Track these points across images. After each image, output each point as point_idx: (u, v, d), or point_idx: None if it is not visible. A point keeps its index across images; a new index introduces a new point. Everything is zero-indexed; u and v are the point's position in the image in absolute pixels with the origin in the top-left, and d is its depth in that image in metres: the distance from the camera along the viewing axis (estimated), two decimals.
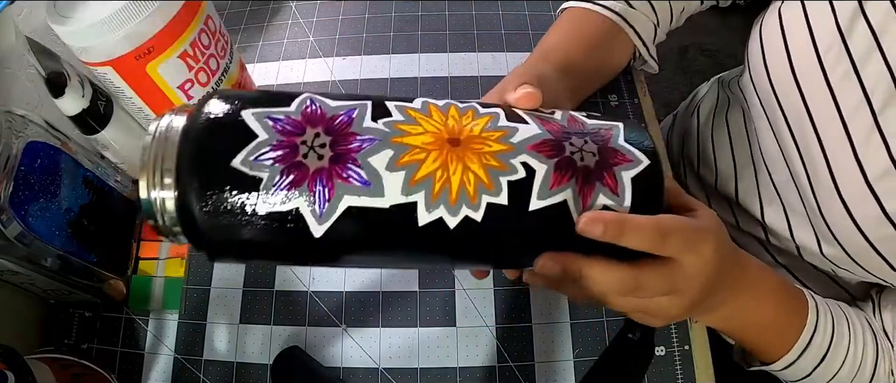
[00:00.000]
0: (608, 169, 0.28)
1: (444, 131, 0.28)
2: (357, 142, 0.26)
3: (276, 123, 0.26)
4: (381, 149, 0.26)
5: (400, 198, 0.26)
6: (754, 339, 0.42)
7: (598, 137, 0.30)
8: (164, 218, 0.26)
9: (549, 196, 0.27)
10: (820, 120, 0.40)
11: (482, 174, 0.27)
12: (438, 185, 0.26)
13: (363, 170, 0.26)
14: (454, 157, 0.27)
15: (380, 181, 0.26)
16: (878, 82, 0.36)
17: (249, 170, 0.25)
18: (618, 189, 0.28)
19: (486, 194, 0.27)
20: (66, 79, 0.43)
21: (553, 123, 0.30)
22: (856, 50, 0.37)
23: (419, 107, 0.29)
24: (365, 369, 0.46)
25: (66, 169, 0.44)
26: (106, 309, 0.50)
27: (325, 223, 0.26)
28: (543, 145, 0.28)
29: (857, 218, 0.39)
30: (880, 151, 0.37)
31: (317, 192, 0.25)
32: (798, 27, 0.41)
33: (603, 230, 0.27)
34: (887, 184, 0.37)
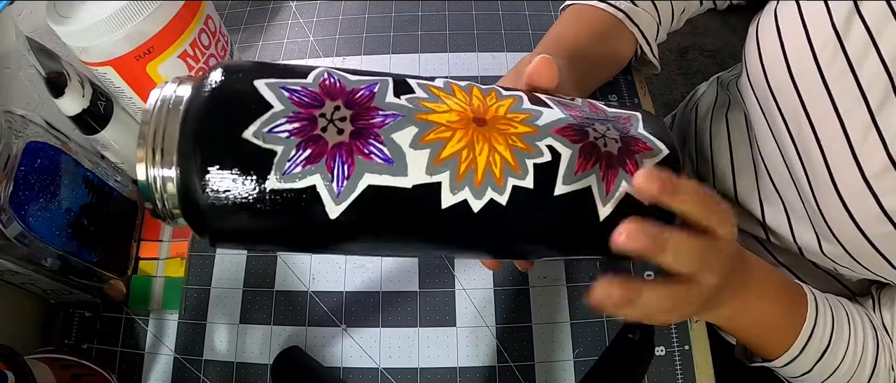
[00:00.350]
0: (631, 156, 0.28)
1: (469, 110, 0.26)
2: (379, 117, 0.25)
3: (293, 94, 0.24)
4: (405, 125, 0.25)
5: (424, 177, 0.25)
6: (756, 337, 0.42)
7: (619, 124, 0.29)
8: (163, 199, 0.24)
9: (574, 181, 0.26)
10: (817, 119, 0.40)
11: (509, 156, 0.26)
12: (464, 166, 0.25)
13: (386, 147, 0.24)
14: (480, 137, 0.26)
15: (403, 159, 0.24)
16: (875, 81, 0.37)
17: (263, 142, 0.23)
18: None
19: (512, 177, 0.26)
20: (66, 79, 0.43)
21: (575, 109, 0.29)
22: (852, 49, 0.37)
23: (442, 85, 0.28)
24: (365, 369, 0.46)
25: (66, 169, 0.44)
26: (106, 309, 0.50)
27: (343, 202, 0.24)
28: (568, 129, 0.27)
29: (855, 215, 0.39)
30: (878, 149, 0.37)
31: (335, 169, 0.24)
32: (794, 27, 0.41)
33: (660, 188, 0.26)
34: (885, 181, 0.37)
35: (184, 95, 0.24)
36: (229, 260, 0.51)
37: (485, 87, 0.29)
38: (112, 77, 0.42)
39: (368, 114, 0.25)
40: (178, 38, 0.43)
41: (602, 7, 0.50)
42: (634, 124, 0.29)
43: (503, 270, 0.49)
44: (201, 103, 0.24)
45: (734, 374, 0.53)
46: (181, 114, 0.24)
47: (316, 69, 0.26)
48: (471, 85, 0.29)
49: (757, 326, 0.40)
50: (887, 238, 0.38)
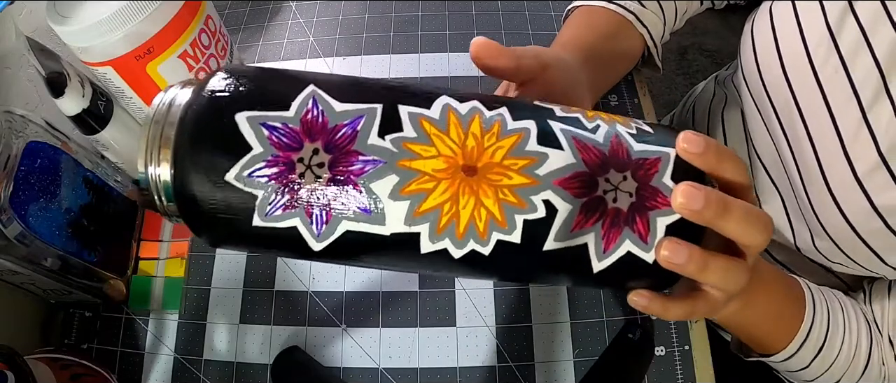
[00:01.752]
0: (643, 213, 0.25)
1: (461, 156, 0.24)
2: (359, 164, 0.24)
3: (272, 133, 0.24)
4: (386, 173, 0.24)
5: (402, 227, 0.24)
6: (756, 333, 0.42)
7: (640, 171, 0.26)
8: (163, 201, 0.25)
9: (567, 239, 0.25)
10: (809, 115, 0.41)
11: (496, 211, 0.24)
12: (445, 219, 0.24)
13: (364, 197, 0.24)
14: (467, 189, 0.24)
15: (381, 210, 0.24)
16: (867, 79, 0.37)
17: (244, 186, 0.24)
18: (648, 237, 0.26)
19: (497, 231, 0.25)
20: (66, 79, 0.43)
21: (592, 149, 0.26)
22: (845, 46, 0.38)
23: (437, 117, 0.25)
24: (365, 369, 0.46)
25: (66, 169, 0.44)
26: (106, 309, 0.50)
27: (324, 242, 0.25)
28: (573, 180, 0.25)
29: (846, 212, 0.39)
30: (869, 146, 0.37)
31: (314, 215, 0.24)
32: (788, 24, 0.42)
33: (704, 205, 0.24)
34: (876, 178, 0.37)
35: (177, 113, 0.25)
36: (229, 260, 0.51)
37: (488, 116, 0.26)
38: (112, 77, 0.42)
39: (347, 159, 0.24)
40: (178, 38, 0.43)
41: (611, 8, 0.50)
42: (661, 171, 0.26)
43: None
44: (190, 134, 0.24)
45: (734, 374, 0.53)
46: (173, 136, 0.24)
47: (302, 92, 0.25)
48: (473, 113, 0.26)
49: (758, 323, 0.40)
50: (878, 234, 0.39)
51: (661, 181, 0.26)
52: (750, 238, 0.26)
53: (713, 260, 0.26)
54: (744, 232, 0.26)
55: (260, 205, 0.24)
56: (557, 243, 0.25)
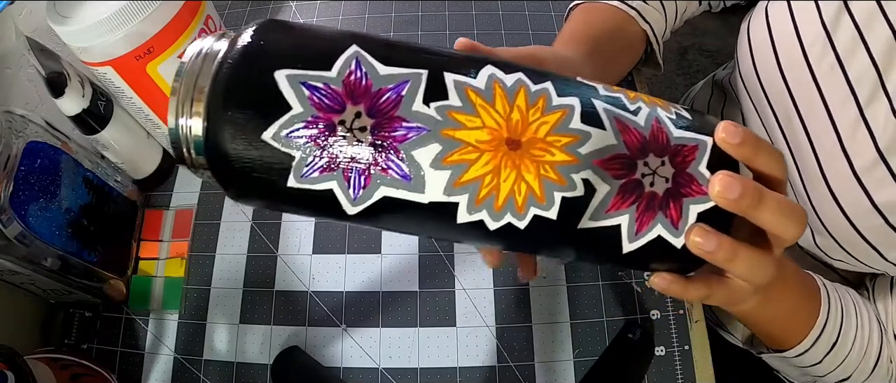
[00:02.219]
0: (677, 199, 0.26)
1: (505, 128, 0.24)
2: (402, 130, 0.23)
3: (313, 93, 0.23)
4: (429, 142, 0.23)
5: (441, 196, 0.24)
6: (771, 329, 0.42)
7: (678, 158, 0.26)
8: (191, 155, 0.24)
9: (601, 218, 0.25)
10: (807, 114, 0.41)
11: (536, 186, 0.24)
12: (485, 191, 0.24)
13: (405, 164, 0.24)
14: (509, 163, 0.24)
15: (421, 177, 0.24)
16: (863, 76, 0.37)
17: (281, 146, 0.23)
18: (679, 223, 0.26)
19: (535, 206, 0.25)
20: (66, 79, 0.43)
21: (633, 131, 0.26)
22: (841, 45, 0.38)
23: (483, 87, 0.25)
24: (365, 369, 0.46)
25: (66, 169, 0.44)
26: (106, 309, 0.50)
27: (359, 206, 0.24)
28: (613, 161, 0.25)
29: (846, 209, 0.40)
30: (867, 143, 0.37)
31: (352, 179, 0.24)
32: (784, 24, 0.42)
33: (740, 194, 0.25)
34: (874, 174, 0.37)
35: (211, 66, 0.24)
36: (229, 260, 0.51)
37: (534, 89, 0.25)
38: (112, 77, 0.42)
39: (391, 125, 0.23)
40: (178, 38, 0.43)
41: (614, 4, 0.50)
42: (698, 158, 0.26)
43: (503, 270, 0.49)
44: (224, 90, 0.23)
45: (734, 374, 0.53)
46: (208, 90, 0.23)
47: (346, 52, 0.24)
48: (519, 86, 0.25)
49: (775, 319, 0.40)
50: (878, 230, 0.39)
51: (697, 169, 0.26)
52: (783, 229, 0.27)
53: (742, 250, 0.26)
54: (778, 223, 0.26)
55: (296, 166, 0.23)
56: (592, 222, 0.25)
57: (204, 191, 0.54)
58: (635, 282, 0.48)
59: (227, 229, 0.52)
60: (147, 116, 0.47)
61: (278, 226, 0.52)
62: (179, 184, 0.55)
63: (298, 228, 0.51)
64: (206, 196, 0.54)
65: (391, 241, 0.51)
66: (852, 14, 0.37)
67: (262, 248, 0.51)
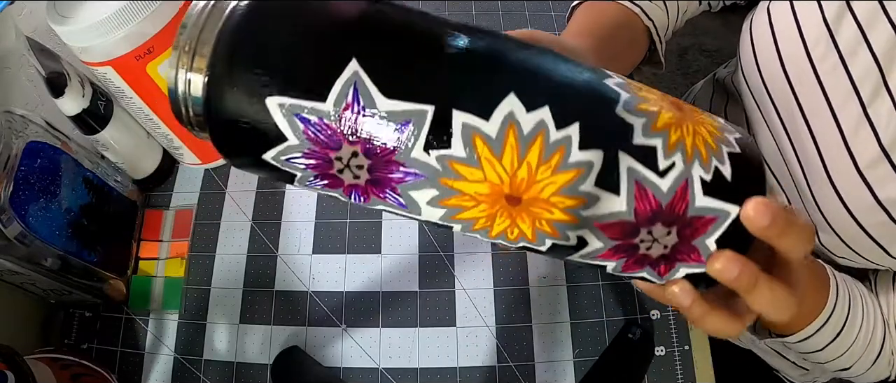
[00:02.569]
0: (670, 263, 0.25)
1: (508, 185, 0.22)
2: (400, 174, 0.23)
3: (308, 127, 0.22)
4: (425, 187, 0.23)
5: (436, 220, 0.25)
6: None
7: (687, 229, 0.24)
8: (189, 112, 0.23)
9: (590, 259, 0.25)
10: (810, 112, 0.41)
11: (529, 234, 0.24)
12: (479, 226, 0.24)
13: (401, 198, 0.23)
14: (505, 214, 0.23)
15: (418, 209, 0.24)
16: (866, 74, 0.37)
17: (281, 165, 0.23)
18: (665, 276, 0.25)
19: (525, 242, 0.25)
20: (66, 79, 0.43)
21: (651, 199, 0.23)
22: (843, 43, 0.38)
23: (493, 136, 0.22)
24: (365, 369, 0.46)
25: (66, 169, 0.44)
26: (106, 309, 0.50)
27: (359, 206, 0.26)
28: (615, 227, 0.23)
29: (850, 206, 0.40)
30: (870, 140, 0.38)
31: (352, 194, 0.24)
32: (786, 23, 0.42)
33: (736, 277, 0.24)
34: (878, 171, 0.38)
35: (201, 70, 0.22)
36: (229, 260, 0.51)
37: (553, 139, 0.22)
38: (112, 77, 0.42)
39: (388, 168, 0.22)
40: None
41: (617, 2, 0.50)
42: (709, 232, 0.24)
43: (503, 270, 0.49)
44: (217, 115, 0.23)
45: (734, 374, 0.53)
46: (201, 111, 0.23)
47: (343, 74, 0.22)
48: (537, 133, 0.22)
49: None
50: (882, 227, 0.39)
51: (703, 242, 0.24)
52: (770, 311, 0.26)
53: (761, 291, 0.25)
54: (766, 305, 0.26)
55: (300, 179, 0.24)
56: (580, 260, 0.25)
57: (204, 191, 0.54)
58: None
59: (227, 229, 0.52)
60: (147, 116, 0.47)
61: (278, 226, 0.52)
62: (179, 184, 0.55)
63: (298, 228, 0.51)
64: (206, 196, 0.54)
65: (391, 242, 0.51)
66: (854, 13, 0.37)
67: (262, 248, 0.51)
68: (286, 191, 0.53)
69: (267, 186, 0.54)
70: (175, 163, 0.55)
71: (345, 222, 0.51)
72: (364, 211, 0.52)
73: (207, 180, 0.55)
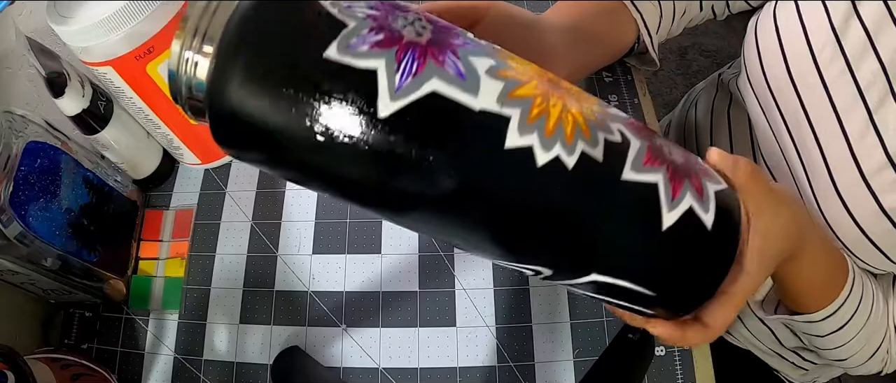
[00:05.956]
0: (695, 172, 0.27)
1: (546, 74, 0.25)
2: (460, 40, 0.23)
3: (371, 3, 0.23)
4: (484, 54, 0.23)
5: (494, 106, 0.22)
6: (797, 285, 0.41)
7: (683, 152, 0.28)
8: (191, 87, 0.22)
9: (641, 171, 0.25)
10: (816, 117, 0.41)
11: (581, 120, 0.24)
12: (537, 110, 0.23)
13: (461, 63, 0.22)
14: (556, 93, 0.24)
15: (477, 79, 0.22)
16: (873, 81, 0.37)
17: (337, 11, 0.21)
18: (703, 195, 0.26)
19: (583, 142, 0.23)
20: (66, 79, 0.43)
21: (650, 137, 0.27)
22: (850, 49, 0.38)
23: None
24: (365, 369, 0.46)
25: (66, 169, 0.44)
26: (106, 309, 0.50)
27: (400, 101, 0.21)
28: (633, 125, 0.27)
29: (854, 213, 0.40)
30: (876, 147, 0.37)
31: (404, 62, 0.21)
32: (792, 27, 0.42)
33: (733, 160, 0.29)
34: (883, 179, 0.38)
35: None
36: (229, 260, 0.51)
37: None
38: (112, 77, 0.42)
39: (449, 34, 0.23)
40: None
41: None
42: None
43: (503, 270, 0.49)
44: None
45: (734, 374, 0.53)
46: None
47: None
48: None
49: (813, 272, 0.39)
50: (886, 234, 0.39)
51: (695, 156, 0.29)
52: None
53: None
54: None
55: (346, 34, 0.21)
56: (633, 173, 0.24)
57: (204, 191, 0.54)
58: None
59: (227, 229, 0.52)
60: (147, 116, 0.47)
61: (278, 226, 0.52)
62: (179, 184, 0.55)
63: (298, 228, 0.51)
64: (206, 196, 0.54)
65: (391, 242, 0.51)
66: (861, 18, 0.37)
67: (262, 248, 0.51)
68: (286, 191, 0.53)
69: (267, 186, 0.54)
70: (175, 163, 0.55)
71: (345, 222, 0.51)
72: (364, 211, 0.52)
73: (207, 180, 0.55)
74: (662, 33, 0.54)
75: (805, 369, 0.60)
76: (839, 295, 0.40)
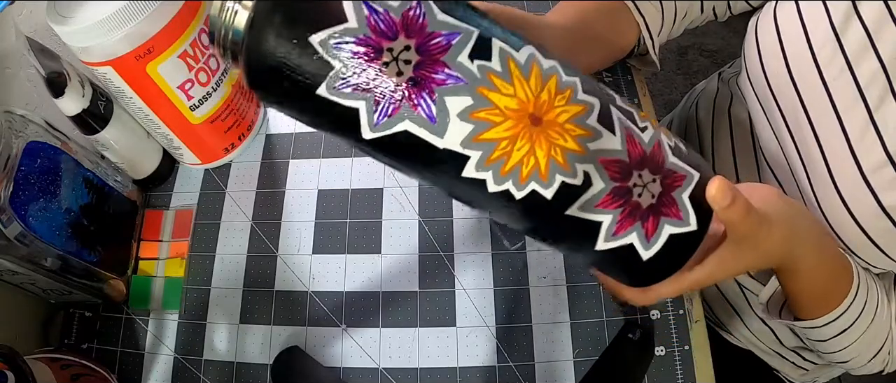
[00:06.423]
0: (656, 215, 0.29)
1: (532, 104, 0.26)
2: (443, 75, 0.25)
3: (372, 15, 0.24)
4: (463, 93, 0.25)
5: (457, 147, 0.26)
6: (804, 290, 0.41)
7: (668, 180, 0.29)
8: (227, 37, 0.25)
9: (589, 211, 0.28)
10: (816, 117, 0.41)
11: (543, 164, 0.26)
12: (497, 154, 0.26)
13: (434, 107, 0.25)
14: (527, 135, 0.26)
15: (445, 123, 0.25)
16: (873, 80, 0.37)
17: (325, 53, 0.24)
18: (651, 238, 0.29)
19: (535, 182, 0.27)
20: (66, 79, 0.43)
21: (638, 145, 0.28)
22: (850, 49, 0.38)
23: (523, 62, 0.26)
24: (365, 369, 0.46)
25: (66, 169, 0.44)
26: (106, 309, 0.50)
27: (377, 133, 0.25)
28: (614, 164, 0.28)
29: (853, 211, 0.40)
30: (875, 146, 0.37)
31: (381, 105, 0.25)
32: (793, 26, 0.42)
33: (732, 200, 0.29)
34: (883, 177, 0.38)
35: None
36: (229, 260, 0.51)
37: (565, 80, 0.27)
38: (112, 77, 0.42)
39: (434, 66, 0.25)
40: (178, 38, 0.43)
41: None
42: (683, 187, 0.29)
43: (503, 270, 0.49)
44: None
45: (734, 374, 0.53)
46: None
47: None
48: (553, 72, 0.27)
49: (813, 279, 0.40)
50: (885, 232, 0.39)
51: (680, 196, 0.29)
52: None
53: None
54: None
55: (332, 77, 0.24)
56: (579, 212, 0.28)
57: (204, 191, 0.54)
58: None
59: (227, 229, 0.52)
60: (147, 116, 0.47)
61: (278, 226, 0.52)
62: (179, 184, 0.55)
63: (298, 228, 0.51)
64: (206, 196, 0.54)
65: (391, 242, 0.51)
66: (861, 17, 0.37)
67: (262, 248, 0.51)
68: (286, 191, 0.53)
69: (267, 186, 0.54)
70: (175, 163, 0.55)
71: (345, 222, 0.51)
72: (364, 211, 0.52)
73: (207, 180, 0.55)
74: (663, 35, 0.54)
75: (805, 369, 0.60)
76: (842, 302, 0.40)
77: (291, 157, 0.55)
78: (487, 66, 0.25)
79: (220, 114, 0.50)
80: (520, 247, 0.49)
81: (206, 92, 0.47)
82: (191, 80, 0.45)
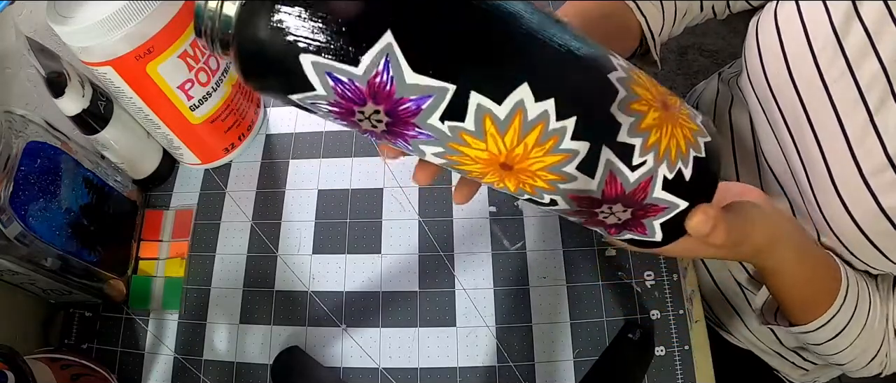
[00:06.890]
0: (620, 230, 0.30)
1: (504, 156, 0.26)
2: (413, 132, 0.26)
3: (337, 84, 0.24)
4: (433, 145, 0.26)
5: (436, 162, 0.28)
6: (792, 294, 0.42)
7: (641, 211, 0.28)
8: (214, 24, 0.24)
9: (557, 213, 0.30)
10: (816, 117, 0.41)
11: (511, 188, 0.28)
12: (472, 175, 0.28)
13: (410, 146, 0.27)
14: (496, 174, 0.27)
15: (422, 154, 0.27)
16: (874, 82, 0.37)
17: (304, 104, 0.25)
18: (647, 232, 0.30)
19: (505, 191, 0.29)
20: (66, 79, 0.43)
21: (618, 185, 0.27)
22: (851, 50, 0.38)
23: (502, 118, 0.25)
24: (365, 369, 0.46)
25: (66, 169, 0.44)
26: (106, 309, 0.50)
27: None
28: (584, 198, 0.28)
29: (853, 213, 0.40)
30: (876, 148, 0.37)
31: (366, 135, 0.27)
32: (793, 27, 0.42)
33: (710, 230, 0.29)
34: (883, 180, 0.38)
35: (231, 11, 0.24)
36: (229, 260, 0.51)
37: (552, 128, 0.25)
38: (112, 77, 0.42)
39: (404, 127, 0.25)
40: (178, 38, 0.43)
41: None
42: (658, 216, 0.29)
43: (503, 270, 0.49)
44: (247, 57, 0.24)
45: (734, 374, 0.53)
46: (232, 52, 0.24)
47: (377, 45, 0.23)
48: (538, 123, 0.25)
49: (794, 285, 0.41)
50: (885, 235, 0.39)
51: (651, 222, 0.29)
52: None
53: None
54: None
55: (318, 112, 0.26)
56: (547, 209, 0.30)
57: (204, 191, 0.54)
58: (635, 281, 0.48)
59: (227, 229, 0.52)
60: (147, 116, 0.47)
61: (278, 226, 0.52)
62: (179, 184, 0.55)
63: (298, 228, 0.51)
64: (206, 196, 0.54)
65: (391, 241, 0.51)
66: (862, 19, 0.37)
67: (262, 248, 0.51)
68: (286, 191, 0.53)
69: (267, 186, 0.54)
70: (175, 163, 0.55)
71: (345, 222, 0.51)
72: (364, 211, 0.52)
73: (207, 180, 0.55)
74: (664, 34, 0.54)
75: (805, 369, 0.60)
76: (830, 307, 0.41)
77: (291, 157, 0.55)
78: (459, 126, 0.25)
79: (220, 114, 0.50)
80: (520, 247, 0.49)
81: (206, 92, 0.47)
82: (191, 80, 0.45)
